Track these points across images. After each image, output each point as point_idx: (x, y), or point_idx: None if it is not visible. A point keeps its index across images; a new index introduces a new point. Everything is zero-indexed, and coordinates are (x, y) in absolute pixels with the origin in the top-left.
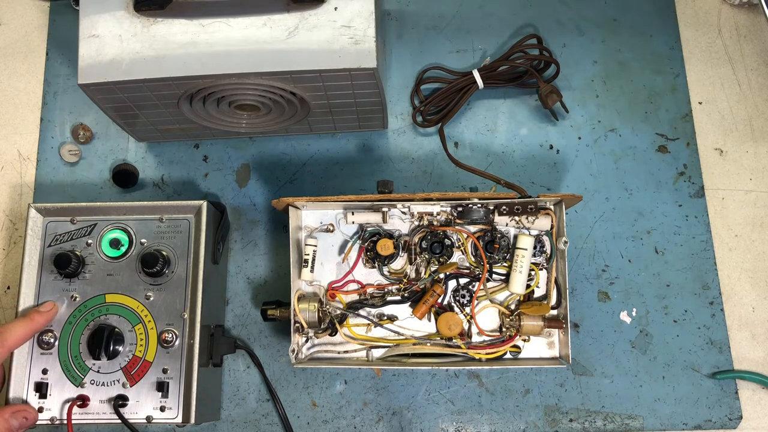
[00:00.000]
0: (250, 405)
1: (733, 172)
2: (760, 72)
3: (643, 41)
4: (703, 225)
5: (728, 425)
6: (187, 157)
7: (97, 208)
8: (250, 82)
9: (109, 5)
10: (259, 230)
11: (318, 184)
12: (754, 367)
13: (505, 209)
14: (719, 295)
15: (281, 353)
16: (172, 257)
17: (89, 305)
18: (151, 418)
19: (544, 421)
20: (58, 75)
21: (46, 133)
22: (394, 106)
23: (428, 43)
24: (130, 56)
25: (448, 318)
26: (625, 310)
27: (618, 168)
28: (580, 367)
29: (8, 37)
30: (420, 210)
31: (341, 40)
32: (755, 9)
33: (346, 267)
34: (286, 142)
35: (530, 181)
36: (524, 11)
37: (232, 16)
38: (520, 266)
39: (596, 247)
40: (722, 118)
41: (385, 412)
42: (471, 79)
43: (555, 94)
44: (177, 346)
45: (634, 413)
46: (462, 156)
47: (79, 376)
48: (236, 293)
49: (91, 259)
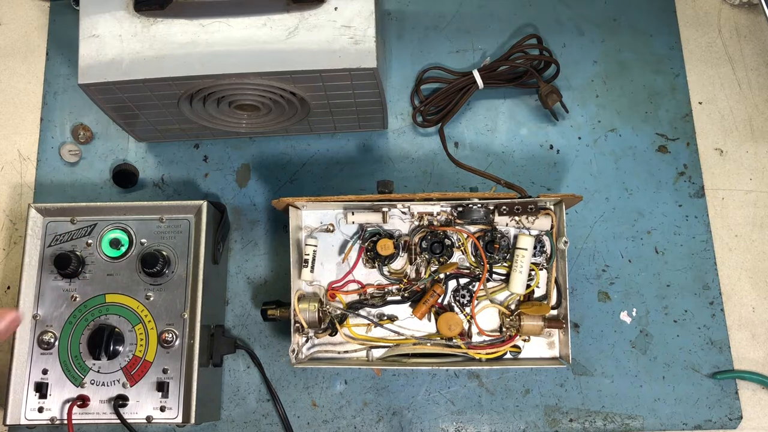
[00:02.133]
0: (250, 405)
1: (733, 172)
2: (760, 72)
3: (643, 41)
4: (703, 225)
5: (728, 425)
6: (187, 157)
7: (97, 208)
8: (250, 82)
9: (109, 5)
10: (259, 230)
11: (318, 184)
12: (754, 367)
13: (505, 209)
14: (719, 295)
15: (281, 353)
16: (172, 257)
17: (89, 305)
18: (151, 418)
19: (544, 421)
20: (58, 75)
21: (46, 133)
22: (394, 106)
23: (428, 43)
24: (130, 56)
25: (448, 318)
26: (625, 310)
27: (618, 168)
28: (580, 367)
29: (8, 37)
30: (420, 210)
31: (341, 40)
32: (755, 9)
33: (346, 267)
34: (286, 142)
35: (530, 181)
36: (524, 11)
37: (232, 16)
38: (520, 266)
39: (596, 247)
40: (722, 118)
41: (385, 412)
42: (471, 79)
43: (555, 94)
44: (177, 346)
45: (634, 413)
46: (462, 156)
47: (79, 376)
48: (236, 293)
49: (91, 259)
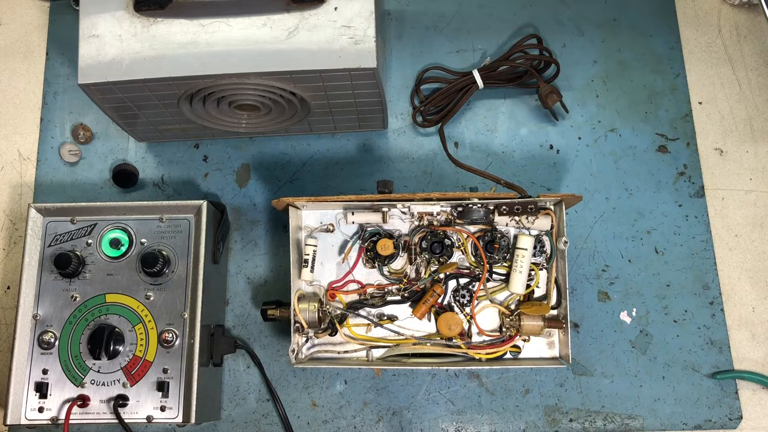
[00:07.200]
0: (250, 405)
1: (733, 172)
2: (760, 72)
3: (643, 41)
4: (703, 225)
5: (728, 425)
6: (187, 157)
7: (97, 208)
8: (250, 82)
9: (109, 5)
10: (259, 230)
11: (318, 184)
12: (754, 367)
13: (505, 209)
14: (719, 295)
15: (281, 353)
16: (172, 257)
17: (89, 305)
18: (152, 418)
19: (544, 421)
20: (58, 75)
21: (46, 133)
22: (394, 106)
23: (428, 43)
24: (130, 56)
25: (448, 318)
26: (625, 310)
27: (618, 168)
28: (580, 367)
29: (8, 37)
30: (420, 210)
31: (341, 40)
32: (755, 9)
33: (346, 267)
34: (286, 142)
35: (530, 181)
36: (524, 11)
37: (232, 16)
38: (520, 266)
39: (596, 247)
40: (722, 118)
41: (385, 412)
42: (471, 79)
43: (555, 94)
44: (177, 346)
45: (634, 413)
46: (462, 156)
47: (79, 375)
48: (236, 293)
49: (91, 259)
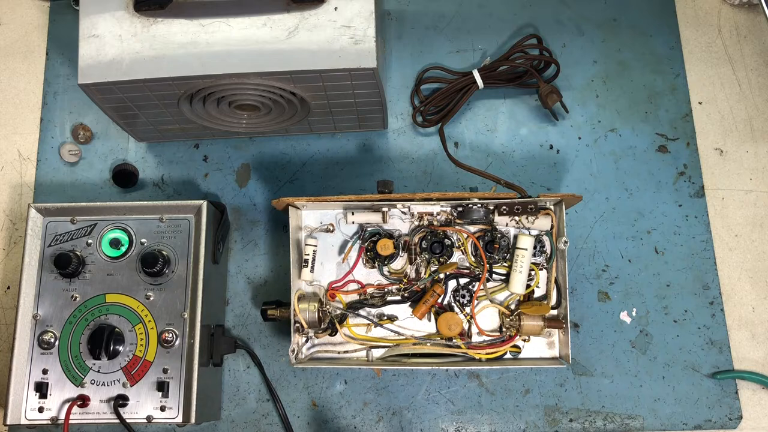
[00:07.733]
0: (250, 405)
1: (733, 172)
2: (760, 72)
3: (643, 41)
4: (703, 225)
5: (728, 425)
6: (187, 157)
7: (97, 208)
8: (250, 82)
9: (109, 5)
10: (259, 230)
11: (318, 184)
12: (754, 367)
13: (505, 209)
14: (719, 295)
15: (281, 353)
16: (172, 257)
17: (89, 305)
18: (152, 418)
19: (544, 421)
20: (58, 75)
21: (46, 133)
22: (394, 106)
23: (428, 43)
24: (130, 56)
25: (448, 318)
26: (625, 310)
27: (618, 168)
28: (580, 367)
29: (8, 37)
30: (420, 210)
31: (341, 40)
32: (755, 9)
33: (346, 267)
34: (286, 142)
35: (530, 181)
36: (524, 11)
37: (232, 16)
38: (520, 266)
39: (596, 247)
40: (722, 118)
41: (385, 412)
42: (471, 79)
43: (555, 94)
44: (177, 346)
45: (634, 413)
46: (462, 156)
47: (79, 375)
48: (236, 293)
49: (91, 259)
